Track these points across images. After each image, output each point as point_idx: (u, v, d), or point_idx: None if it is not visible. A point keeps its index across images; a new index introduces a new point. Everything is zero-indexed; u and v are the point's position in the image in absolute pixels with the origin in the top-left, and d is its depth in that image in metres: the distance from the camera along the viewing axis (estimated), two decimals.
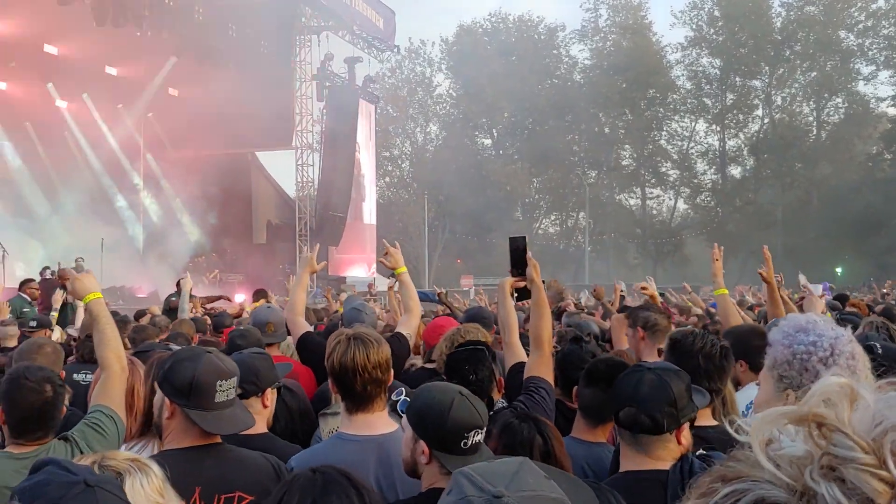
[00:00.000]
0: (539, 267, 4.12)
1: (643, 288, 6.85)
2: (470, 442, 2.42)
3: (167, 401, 2.88)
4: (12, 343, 6.92)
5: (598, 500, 1.96)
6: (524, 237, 4.19)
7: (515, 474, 1.35)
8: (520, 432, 2.77)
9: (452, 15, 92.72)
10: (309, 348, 5.16)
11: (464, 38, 63.23)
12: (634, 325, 4.88)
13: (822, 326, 2.32)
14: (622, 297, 9.95)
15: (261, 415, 3.41)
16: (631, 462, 2.64)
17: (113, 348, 3.46)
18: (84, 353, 5.51)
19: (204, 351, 3.08)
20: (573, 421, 3.69)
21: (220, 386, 2.80)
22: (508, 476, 1.34)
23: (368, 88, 33.72)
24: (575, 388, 3.68)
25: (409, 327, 5.00)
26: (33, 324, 7.28)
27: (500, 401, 3.75)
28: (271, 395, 3.47)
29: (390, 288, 8.72)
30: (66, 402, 3.39)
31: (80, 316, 6.83)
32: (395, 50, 37.71)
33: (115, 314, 8.86)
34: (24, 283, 12.43)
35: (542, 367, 3.77)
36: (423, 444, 2.47)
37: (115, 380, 3.42)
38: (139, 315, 10.09)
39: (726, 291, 5.36)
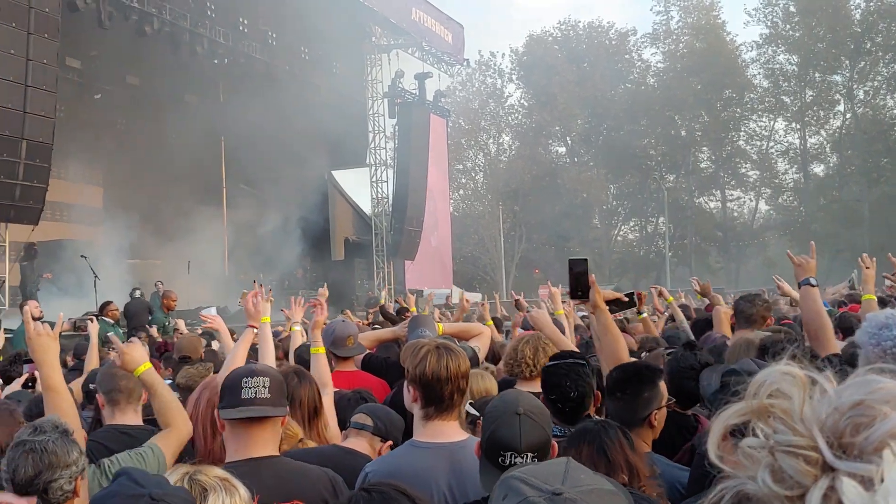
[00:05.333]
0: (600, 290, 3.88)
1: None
2: (508, 462, 2.43)
3: (217, 415, 3.03)
4: (196, 355, 7.09)
5: (628, 491, 2.00)
6: (585, 259, 3.89)
7: (566, 473, 1.38)
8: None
9: (522, 25, 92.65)
10: (373, 365, 5.73)
11: (534, 47, 62.99)
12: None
13: None
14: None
15: (366, 450, 3.64)
16: None
17: (175, 409, 3.62)
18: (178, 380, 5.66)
19: (251, 364, 3.33)
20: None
21: (246, 383, 2.94)
22: (561, 475, 1.37)
23: (439, 103, 33.91)
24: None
25: (479, 341, 5.37)
26: None
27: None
28: (385, 449, 3.66)
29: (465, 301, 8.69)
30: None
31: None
32: (465, 63, 37.89)
33: (206, 334, 9.09)
34: (105, 306, 12.85)
35: None
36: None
37: (178, 437, 3.56)
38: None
39: (874, 297, 5.33)
